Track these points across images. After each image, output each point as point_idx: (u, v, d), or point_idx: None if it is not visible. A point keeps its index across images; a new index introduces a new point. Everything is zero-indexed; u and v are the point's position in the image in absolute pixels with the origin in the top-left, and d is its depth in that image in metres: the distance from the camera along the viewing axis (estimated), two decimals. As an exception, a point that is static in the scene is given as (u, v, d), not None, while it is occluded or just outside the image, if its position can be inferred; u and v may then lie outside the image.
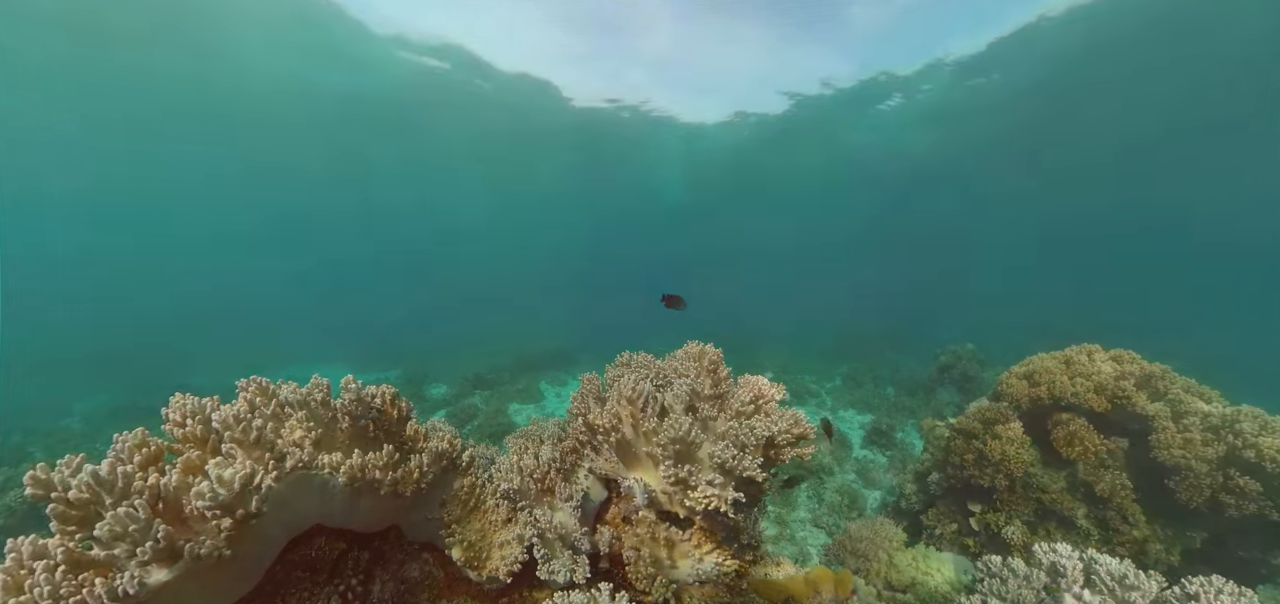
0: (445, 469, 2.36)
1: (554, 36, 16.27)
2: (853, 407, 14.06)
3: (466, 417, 13.63)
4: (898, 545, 5.21)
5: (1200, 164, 24.54)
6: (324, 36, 16.15)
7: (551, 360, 19.73)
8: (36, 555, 1.43)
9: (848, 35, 16.14)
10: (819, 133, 23.58)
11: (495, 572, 2.27)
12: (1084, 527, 5.40)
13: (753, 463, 2.25)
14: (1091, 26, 14.54)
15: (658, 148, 25.99)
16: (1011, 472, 5.67)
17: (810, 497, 9.17)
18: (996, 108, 19.96)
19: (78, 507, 1.48)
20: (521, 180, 32.99)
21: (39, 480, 1.49)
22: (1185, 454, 4.91)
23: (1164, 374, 5.52)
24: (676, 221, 52.56)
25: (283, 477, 1.76)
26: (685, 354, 2.80)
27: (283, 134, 24.19)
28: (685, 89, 20.07)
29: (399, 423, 2.29)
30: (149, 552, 1.43)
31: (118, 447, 1.65)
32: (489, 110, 21.68)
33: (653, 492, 2.50)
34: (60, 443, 12.63)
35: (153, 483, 1.51)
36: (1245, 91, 16.98)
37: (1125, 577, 3.05)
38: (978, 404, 6.49)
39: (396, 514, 2.31)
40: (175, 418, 1.73)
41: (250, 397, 1.90)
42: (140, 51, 16.28)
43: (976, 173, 28.73)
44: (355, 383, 2.07)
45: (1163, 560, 5.04)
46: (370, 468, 1.94)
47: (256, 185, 35.84)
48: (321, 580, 2.05)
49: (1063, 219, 42.67)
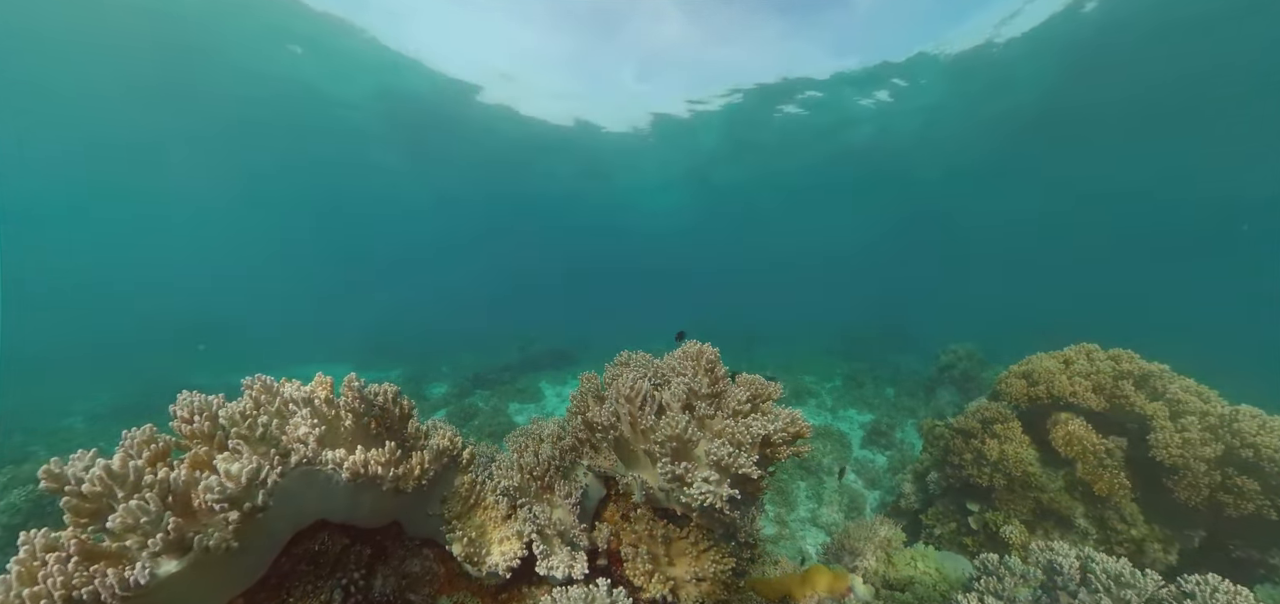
0: (446, 466, 2.40)
1: (555, 34, 16.32)
2: (853, 406, 14.07)
3: (467, 416, 13.68)
4: (896, 544, 5.23)
5: (1201, 162, 24.49)
6: (330, 41, 16.24)
7: (552, 360, 19.78)
8: (49, 547, 1.47)
9: (848, 32, 16.17)
10: (820, 132, 23.60)
11: (495, 567, 2.30)
12: (1082, 526, 5.42)
13: (749, 461, 2.28)
14: (1091, 22, 14.50)
15: (658, 147, 26.05)
16: (1010, 471, 5.69)
17: (809, 496, 9.19)
18: (995, 105, 19.97)
19: (90, 500, 1.52)
20: (521, 180, 33.07)
21: (53, 474, 1.53)
22: (1183, 453, 4.93)
23: (1162, 373, 5.53)
24: (677, 221, 52.65)
25: (287, 472, 1.80)
26: (683, 353, 2.83)
27: (283, 134, 24.28)
28: (685, 87, 20.10)
29: (401, 421, 2.33)
30: (160, 543, 1.47)
31: (127, 442, 1.69)
32: (489, 109, 21.76)
33: (651, 489, 2.54)
34: (62, 442, 12.69)
35: (162, 477, 1.55)
36: (1245, 90, 16.96)
37: (1121, 575, 3.07)
38: (977, 404, 6.51)
39: (398, 510, 2.35)
40: (183, 415, 1.77)
41: (255, 394, 1.94)
42: (141, 51, 16.37)
43: (976, 172, 28.73)
44: (358, 381, 2.11)
45: (1161, 560, 5.06)
46: (372, 464, 1.98)
47: (257, 185, 35.98)
48: (325, 574, 2.09)
49: (1063, 219, 42.64)
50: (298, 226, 55.87)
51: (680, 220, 51.86)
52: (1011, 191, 33.40)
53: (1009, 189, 32.61)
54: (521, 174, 31.42)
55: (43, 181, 31.68)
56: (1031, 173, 28.46)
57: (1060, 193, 33.46)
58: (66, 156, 26.46)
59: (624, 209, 45.62)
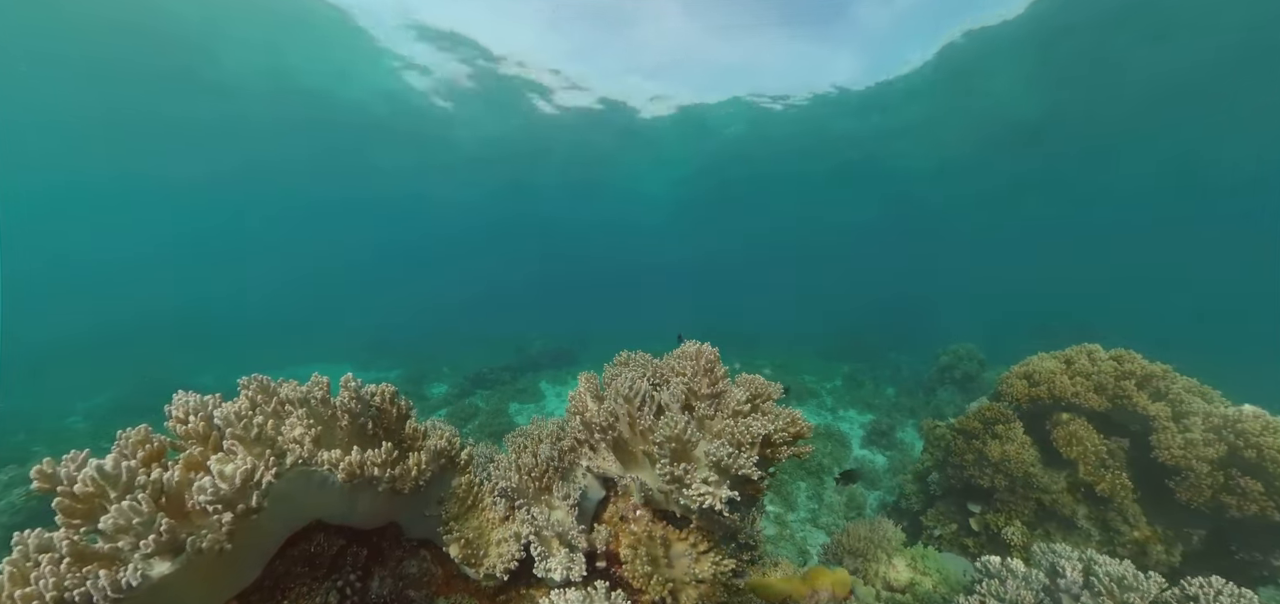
0: (443, 467, 2.39)
1: (554, 30, 16.30)
2: (853, 406, 14.05)
3: (467, 416, 13.68)
4: (897, 546, 5.21)
5: (1201, 160, 24.41)
6: (324, 36, 16.23)
7: (552, 360, 19.78)
8: (42, 548, 1.46)
9: (852, 32, 16.16)
10: (820, 131, 23.57)
11: (492, 569, 2.29)
12: (1084, 527, 5.40)
13: (748, 461, 2.26)
14: (1088, 19, 14.41)
15: (658, 144, 26.04)
16: (1011, 472, 5.67)
17: (810, 496, 9.17)
18: (995, 104, 19.90)
19: (83, 501, 1.51)
20: (521, 179, 33.08)
21: (45, 475, 1.52)
22: (1186, 454, 4.90)
23: (1165, 374, 5.50)
24: (677, 221, 52.63)
25: (283, 473, 1.79)
26: (682, 353, 2.81)
27: (283, 134, 24.29)
28: (687, 85, 20.09)
29: (398, 421, 2.31)
30: (152, 545, 1.45)
31: (121, 442, 1.67)
32: (489, 110, 21.75)
33: (650, 490, 2.52)
34: (63, 441, 12.72)
35: (156, 478, 1.53)
36: (1246, 88, 16.89)
37: (1124, 578, 3.05)
38: (978, 404, 6.49)
39: (395, 511, 2.33)
40: (178, 415, 1.75)
41: (251, 394, 1.92)
42: (142, 51, 16.38)
43: (976, 171, 28.65)
44: (354, 381, 2.09)
45: (1164, 561, 5.03)
46: (369, 465, 1.96)
47: (257, 185, 35.99)
48: (320, 576, 2.08)
49: (1063, 218, 42.55)
50: (298, 227, 55.92)
51: (681, 220, 51.86)
52: (1012, 191, 33.33)
53: (1009, 189, 32.55)
54: (521, 174, 31.42)
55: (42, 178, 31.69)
56: (1031, 172, 28.39)
57: (1061, 193, 33.39)
58: (67, 155, 26.48)
59: (625, 209, 45.63)
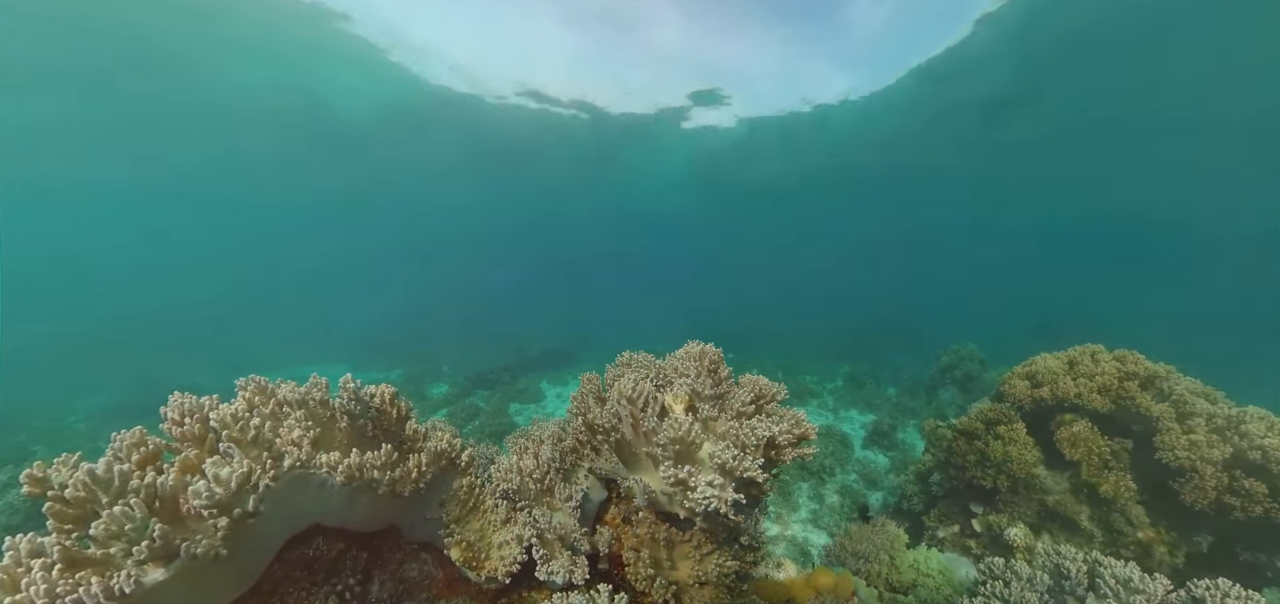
0: (444, 469, 2.36)
1: (554, 33, 16.28)
2: (855, 407, 14.02)
3: (468, 416, 13.65)
4: (899, 547, 5.18)
5: (1203, 159, 24.37)
6: (324, 35, 16.19)
7: (553, 360, 19.75)
8: (34, 553, 1.43)
9: (849, 36, 16.13)
10: (821, 132, 23.54)
11: (494, 572, 2.26)
12: (1087, 529, 5.37)
13: (753, 463, 2.23)
14: (1084, 17, 14.34)
15: (660, 148, 26.01)
16: (1014, 473, 5.63)
17: (811, 497, 9.14)
18: (993, 104, 19.86)
19: (74, 505, 1.48)
20: (522, 180, 33.04)
21: (35, 479, 1.49)
22: (1190, 455, 4.87)
23: (1168, 375, 5.47)
24: (678, 222, 52.60)
25: (280, 476, 1.76)
26: (685, 354, 2.78)
27: (282, 134, 24.23)
28: (688, 86, 20.05)
29: (398, 422, 2.28)
30: (145, 551, 1.42)
31: (115, 445, 1.64)
32: (489, 110, 21.71)
33: (653, 492, 2.49)
34: (63, 442, 12.69)
35: (149, 482, 1.50)
36: (1246, 86, 16.83)
37: (1130, 580, 3.02)
38: (980, 405, 6.46)
39: (395, 514, 2.30)
40: (173, 417, 1.72)
41: (248, 396, 1.89)
42: (141, 51, 16.33)
43: (976, 170, 28.62)
44: (353, 382, 2.06)
45: (1167, 563, 5.00)
46: (368, 467, 1.93)
47: (258, 185, 35.93)
48: (319, 580, 2.05)
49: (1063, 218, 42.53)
50: (299, 227, 55.87)
51: (681, 220, 51.83)
52: (1012, 191, 33.32)
53: (1009, 188, 32.53)
54: (522, 172, 31.38)
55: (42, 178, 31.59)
56: (1031, 171, 28.37)
57: (1060, 193, 33.36)
58: (68, 158, 26.40)
59: (625, 208, 45.60)
